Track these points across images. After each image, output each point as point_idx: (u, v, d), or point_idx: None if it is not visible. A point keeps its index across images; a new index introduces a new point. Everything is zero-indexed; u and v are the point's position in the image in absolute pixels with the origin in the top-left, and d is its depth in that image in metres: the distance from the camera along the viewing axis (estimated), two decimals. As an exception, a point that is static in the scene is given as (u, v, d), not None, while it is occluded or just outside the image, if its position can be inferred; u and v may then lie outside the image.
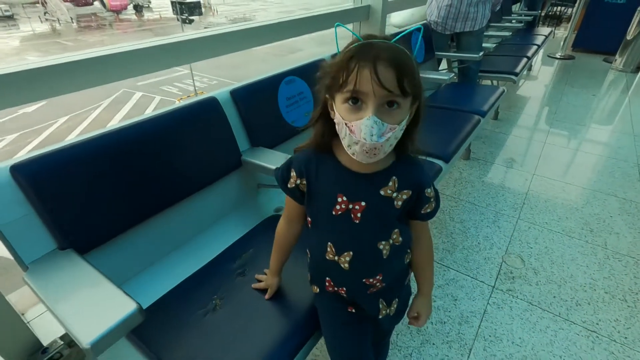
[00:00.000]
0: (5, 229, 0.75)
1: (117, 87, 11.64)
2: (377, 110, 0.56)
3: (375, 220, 0.69)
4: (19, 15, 27.30)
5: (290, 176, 0.72)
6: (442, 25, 2.42)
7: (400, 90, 0.56)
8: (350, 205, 0.68)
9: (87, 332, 0.60)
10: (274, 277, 0.90)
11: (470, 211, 1.96)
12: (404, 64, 0.56)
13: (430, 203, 0.71)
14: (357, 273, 0.73)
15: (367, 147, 0.58)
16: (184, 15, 16.75)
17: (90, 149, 0.88)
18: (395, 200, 0.68)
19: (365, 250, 0.71)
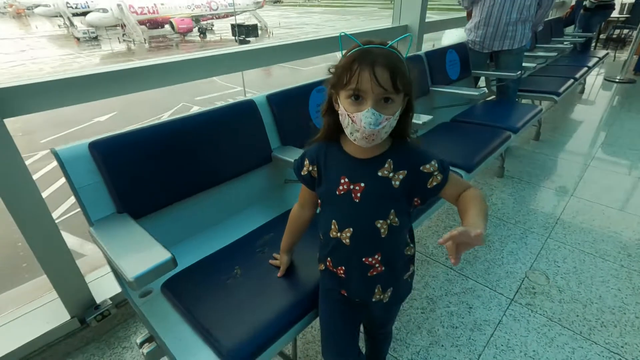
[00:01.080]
0: (81, 191, 0.95)
1: (177, 101, 12.77)
2: (375, 104, 0.67)
3: (373, 199, 0.77)
4: (102, 37, 30.90)
5: (304, 164, 0.84)
6: (480, 44, 2.47)
7: (394, 88, 0.67)
8: (351, 186, 0.77)
9: (132, 270, 0.76)
10: (285, 255, 1.02)
11: (497, 226, 1.95)
12: (396, 67, 0.66)
13: (434, 176, 0.76)
14: (357, 250, 0.81)
15: (367, 134, 0.68)
16: (241, 36, 17.96)
17: (150, 135, 1.07)
18: (392, 180, 0.76)
19: (364, 228, 0.79)
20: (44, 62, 23.46)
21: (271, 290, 0.98)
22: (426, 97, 2.17)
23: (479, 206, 0.76)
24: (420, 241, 1.85)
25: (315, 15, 53.26)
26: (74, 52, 27.00)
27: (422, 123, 1.55)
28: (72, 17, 32.86)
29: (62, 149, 0.94)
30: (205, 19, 35.17)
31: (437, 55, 2.23)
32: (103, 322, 1.33)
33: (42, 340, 1.22)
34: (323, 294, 0.94)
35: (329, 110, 0.77)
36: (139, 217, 1.04)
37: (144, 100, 10.62)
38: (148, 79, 1.30)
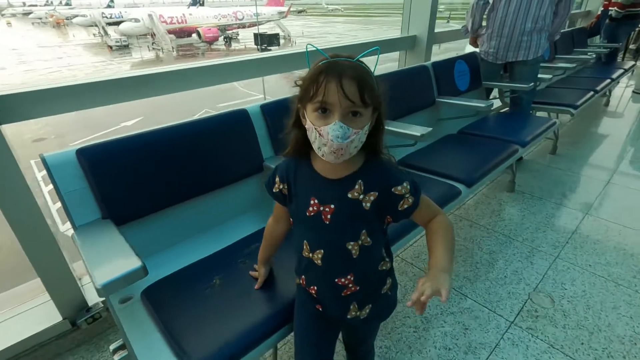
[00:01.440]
0: (67, 196, 0.98)
1: (201, 107, 13.18)
2: (343, 117, 0.64)
3: (343, 221, 0.75)
4: (132, 45, 32.30)
5: (275, 182, 0.81)
6: (494, 55, 2.40)
7: (362, 101, 0.64)
8: (321, 208, 0.75)
9: (101, 276, 0.76)
10: (262, 267, 1.01)
11: (502, 244, 1.87)
12: (364, 80, 0.64)
13: (406, 199, 0.74)
14: (329, 270, 0.79)
15: (335, 148, 0.65)
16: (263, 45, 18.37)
17: (138, 143, 1.09)
18: (363, 202, 0.73)
19: (335, 249, 0.77)
20: (79, 68, 24.71)
21: (247, 302, 0.96)
22: (432, 108, 2.13)
23: (447, 243, 0.77)
24: (419, 256, 1.79)
25: (338, 25, 53.77)
26: (107, 60, 28.34)
27: (420, 135, 1.52)
28: (107, 27, 34.57)
29: (49, 155, 0.97)
30: (231, 29, 36.18)
31: (444, 65, 2.18)
32: (94, 324, 1.35)
33: (34, 339, 1.25)
34: (298, 306, 0.92)
35: (296, 125, 0.75)
36: (123, 223, 1.06)
37: (170, 107, 11.00)
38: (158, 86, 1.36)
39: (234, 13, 36.06)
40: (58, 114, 1.16)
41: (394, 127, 1.65)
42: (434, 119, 2.18)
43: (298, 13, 73.52)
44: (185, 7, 36.35)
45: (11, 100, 1.05)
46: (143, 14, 30.63)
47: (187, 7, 37.74)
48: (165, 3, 43.18)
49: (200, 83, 1.50)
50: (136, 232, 1.10)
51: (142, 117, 12.30)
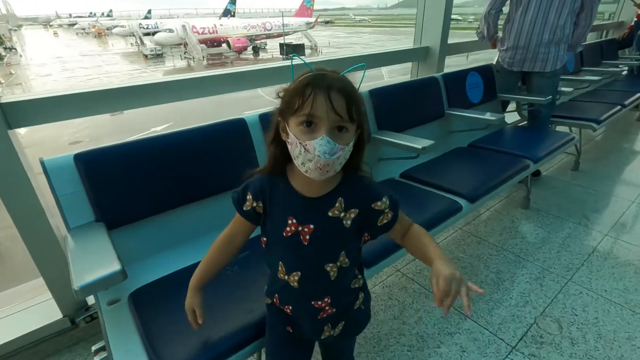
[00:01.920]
0: (62, 199, 1.02)
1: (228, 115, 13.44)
2: (329, 132, 0.61)
3: (323, 242, 0.72)
4: (166, 54, 33.80)
5: (246, 199, 0.75)
6: (509, 64, 2.33)
7: (349, 116, 0.62)
8: (299, 228, 0.71)
9: (80, 279, 0.79)
10: (197, 295, 0.84)
11: (511, 263, 1.78)
12: (352, 94, 0.63)
13: (385, 214, 0.72)
14: (305, 293, 0.76)
15: (321, 164, 0.62)
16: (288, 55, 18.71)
17: (134, 149, 1.13)
18: (343, 220, 0.71)
19: (313, 271, 0.74)
20: (115, 76, 26.11)
21: (226, 311, 0.96)
22: (441, 121, 2.08)
23: (434, 242, 0.75)
24: (421, 272, 1.73)
25: (365, 35, 54.06)
26: (141, 68, 29.80)
27: (421, 148, 1.49)
28: (143, 37, 36.42)
29: (48, 159, 1.02)
30: (259, 39, 37.19)
31: (455, 77, 2.14)
32: (92, 323, 1.39)
33: (35, 335, 1.30)
34: (269, 328, 0.89)
35: (275, 140, 0.71)
36: (116, 227, 1.09)
37: (199, 113, 11.40)
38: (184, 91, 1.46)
39: (262, 24, 37.09)
40: (64, 120, 1.23)
41: (397, 139, 1.63)
42: (443, 131, 2.13)
43: (325, 24, 74.62)
44: (216, 18, 37.76)
45: (20, 106, 1.12)
46: (177, 24, 32.04)
47: (218, 18, 39.19)
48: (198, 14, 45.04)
49: (217, 90, 1.56)
50: (128, 236, 1.13)
51: (172, 123, 12.80)
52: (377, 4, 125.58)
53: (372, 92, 1.74)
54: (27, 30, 70.74)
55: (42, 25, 77.68)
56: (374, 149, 1.79)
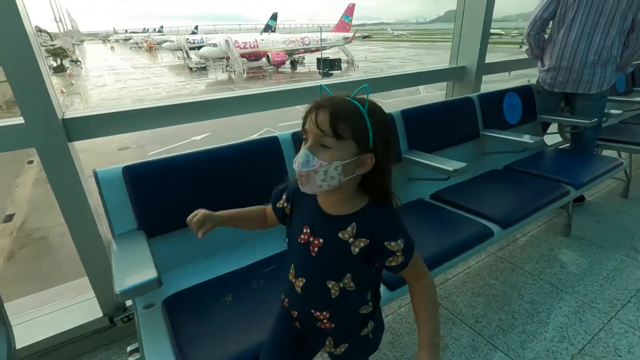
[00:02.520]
0: (110, 207, 1.12)
1: (263, 125, 14.03)
2: (313, 146, 0.66)
3: (329, 259, 0.74)
4: (209, 67, 35.57)
5: (281, 198, 0.83)
6: (551, 85, 2.25)
7: (334, 132, 0.64)
8: (311, 238, 0.74)
9: (121, 284, 0.86)
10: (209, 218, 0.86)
11: (548, 294, 1.69)
12: (340, 112, 0.64)
13: (396, 257, 0.71)
14: (307, 301, 0.79)
15: (298, 174, 0.68)
16: (325, 69, 19.08)
17: (177, 163, 1.22)
18: (352, 246, 0.71)
19: (315, 283, 0.76)
20: (162, 87, 27.78)
21: (252, 322, 1.00)
22: (475, 142, 2.04)
23: (431, 310, 0.76)
24: (449, 296, 1.69)
25: (402, 49, 53.90)
26: (186, 80, 31.52)
27: (452, 170, 1.47)
28: (189, 51, 38.61)
29: (101, 171, 1.12)
30: (298, 53, 38.20)
31: (492, 98, 2.09)
32: (128, 324, 1.48)
33: (77, 331, 1.41)
34: (277, 319, 0.89)
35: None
36: (155, 235, 1.17)
37: (235, 124, 11.90)
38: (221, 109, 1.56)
39: (301, 38, 38.12)
40: (123, 133, 1.35)
41: (428, 159, 1.62)
42: (477, 152, 2.08)
43: (363, 38, 75.29)
44: (257, 34, 39.32)
45: (80, 122, 1.24)
46: (221, 39, 33.71)
47: (259, 33, 40.79)
48: (241, 29, 47.16)
49: (256, 108, 1.65)
50: (165, 244, 1.20)
51: (210, 133, 13.39)
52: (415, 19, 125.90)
53: (403, 112, 1.75)
54: (88, 44, 77.41)
55: (102, 40, 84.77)
56: (404, 169, 1.78)
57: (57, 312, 1.43)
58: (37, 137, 1.14)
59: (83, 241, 1.32)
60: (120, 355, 1.44)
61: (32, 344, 1.32)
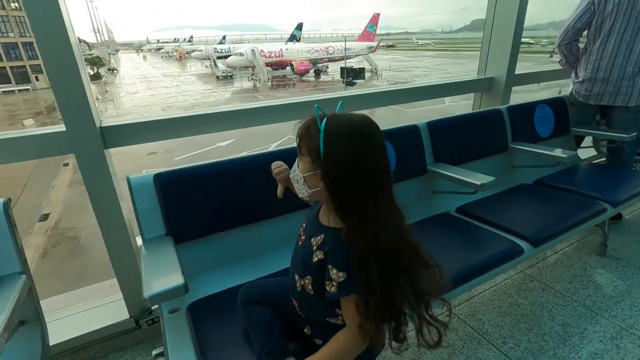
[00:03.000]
0: (141, 213, 1.16)
1: (285, 133, 14.25)
2: (298, 158, 0.78)
3: (299, 255, 0.82)
4: (235, 76, 36.51)
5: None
6: (585, 96, 2.16)
7: (298, 147, 0.75)
8: (301, 233, 0.86)
9: (149, 289, 0.88)
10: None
11: (581, 317, 1.60)
12: (305, 129, 0.72)
13: (332, 283, 0.71)
14: (289, 281, 0.88)
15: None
16: (348, 78, 19.19)
17: (204, 172, 1.25)
18: (314, 254, 0.75)
19: (290, 272, 0.87)
20: (190, 95, 28.74)
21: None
22: (504, 155, 1.98)
23: (328, 353, 0.76)
24: (475, 314, 1.63)
25: (427, 59, 53.44)
26: (213, 88, 32.50)
27: (480, 184, 1.43)
28: (217, 60, 39.82)
29: (133, 177, 1.17)
30: (322, 62, 38.61)
31: (522, 110, 2.03)
32: (153, 326, 1.52)
33: (105, 331, 1.45)
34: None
35: None
36: (182, 241, 1.20)
37: (258, 131, 12.17)
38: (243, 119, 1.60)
39: (325, 48, 38.55)
40: (155, 141, 1.40)
41: (454, 172, 1.59)
42: (506, 166, 2.02)
43: (387, 48, 75.25)
44: (283, 43, 40.07)
45: (116, 130, 1.30)
46: (247, 48, 34.59)
47: (285, 43, 41.57)
48: (267, 39, 48.30)
49: (280, 118, 1.67)
50: (191, 251, 1.23)
51: (234, 139, 13.69)
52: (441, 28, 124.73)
53: (429, 124, 1.72)
54: (122, 54, 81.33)
55: (135, 50, 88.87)
56: (429, 182, 1.75)
57: (86, 311, 1.49)
58: (77, 144, 1.21)
59: (114, 244, 1.37)
60: (144, 357, 1.48)
61: (62, 341, 1.37)
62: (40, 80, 35.30)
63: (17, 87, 34.25)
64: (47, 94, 32.87)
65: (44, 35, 1.08)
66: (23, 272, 1.01)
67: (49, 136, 1.19)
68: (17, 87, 34.25)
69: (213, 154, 12.45)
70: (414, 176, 1.69)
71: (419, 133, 1.68)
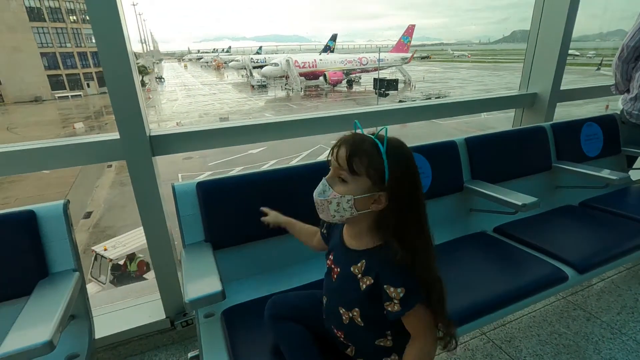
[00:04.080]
0: (183, 219, 1.22)
1: (316, 142, 14.37)
2: (331, 178, 0.74)
3: (342, 289, 0.81)
4: (269, 85, 37.48)
5: (324, 225, 0.96)
6: (638, 117, 2.04)
7: (349, 167, 0.69)
8: (332, 265, 0.85)
9: (191, 293, 0.92)
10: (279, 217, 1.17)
11: (631, 352, 1.48)
12: (358, 149, 0.69)
13: (393, 303, 0.71)
14: (328, 317, 0.87)
15: (314, 200, 0.76)
16: (381, 90, 19.12)
17: (246, 181, 1.29)
18: (360, 282, 0.75)
19: (331, 305, 0.85)
20: (226, 102, 29.78)
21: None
22: (546, 174, 1.89)
23: None
24: (511, 341, 1.55)
25: (463, 70, 52.29)
26: (247, 96, 33.53)
27: (521, 204, 1.38)
28: (253, 70, 41.10)
29: (178, 185, 1.23)
30: (355, 73, 38.82)
31: (568, 127, 1.94)
32: (187, 328, 1.57)
33: (143, 329, 1.52)
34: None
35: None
36: (220, 247, 1.24)
37: (289, 141, 12.46)
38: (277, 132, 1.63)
39: (359, 59, 38.77)
40: (197, 150, 1.48)
41: (493, 191, 1.54)
42: (549, 186, 1.93)
43: (422, 59, 74.46)
44: (317, 54, 40.76)
45: (163, 139, 1.38)
46: (282, 59, 35.48)
47: (319, 53, 42.24)
48: (301, 50, 49.41)
49: (313, 131, 1.70)
50: (228, 257, 1.27)
51: (266, 147, 13.98)
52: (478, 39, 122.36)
53: (468, 140, 1.68)
54: (165, 63, 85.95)
55: (177, 59, 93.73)
56: (466, 199, 1.71)
57: (126, 309, 1.56)
58: (128, 151, 1.29)
59: (156, 246, 1.44)
60: (177, 358, 1.53)
61: (104, 336, 1.45)
62: (91, 87, 38.06)
63: (70, 92, 37.12)
64: (95, 99, 35.35)
65: (105, 45, 1.16)
66: (76, 269, 1.09)
67: (105, 143, 1.29)
68: (70, 92, 37.12)
69: (246, 159, 12.79)
70: (449, 193, 1.66)
71: (456, 149, 1.65)
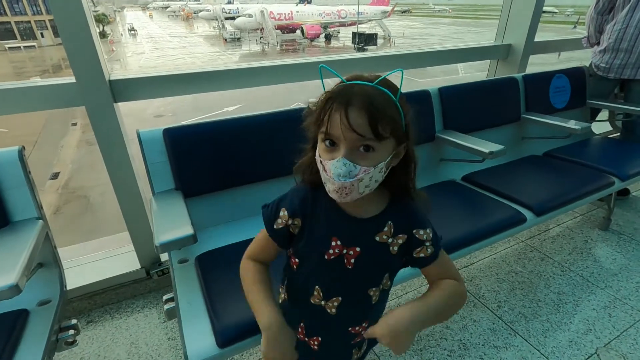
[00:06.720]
0: (151, 167, 1.18)
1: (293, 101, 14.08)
2: (350, 152, 0.55)
3: (369, 266, 0.67)
4: (243, 38, 35.46)
5: (278, 216, 0.68)
6: (605, 70, 2.09)
7: (375, 134, 0.53)
8: (344, 250, 0.65)
9: (161, 237, 0.92)
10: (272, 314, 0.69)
11: (577, 286, 1.64)
12: (378, 109, 0.53)
13: (424, 247, 0.66)
14: (344, 320, 0.72)
15: (337, 186, 0.57)
16: (360, 44, 18.55)
17: (215, 128, 1.25)
18: (390, 246, 0.66)
19: (355, 297, 0.70)
20: (197, 57, 28.13)
21: (276, 283, 1.04)
22: (515, 125, 1.95)
23: (443, 302, 0.65)
24: (473, 280, 1.68)
25: (443, 26, 51.23)
26: (220, 50, 31.70)
27: (488, 152, 1.43)
28: (225, 21, 38.55)
29: (143, 131, 1.18)
30: (333, 26, 37.23)
31: (538, 79, 1.97)
32: (163, 277, 1.59)
33: (118, 279, 1.53)
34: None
35: (313, 152, 0.64)
36: (191, 196, 1.23)
37: (266, 98, 12.11)
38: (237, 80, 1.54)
39: (338, 11, 37.01)
40: (163, 96, 1.40)
41: (463, 140, 1.58)
42: (516, 136, 2.00)
43: (402, 13, 72.03)
44: (293, 5, 38.52)
45: (125, 84, 1.30)
46: (256, 10, 33.36)
47: (295, 5, 39.94)
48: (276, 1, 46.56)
49: (288, 79, 1.63)
50: (200, 205, 1.26)
51: (242, 105, 13.57)
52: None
53: (441, 89, 1.69)
54: (128, 11, 78.97)
55: (141, 8, 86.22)
56: (437, 149, 1.75)
57: (100, 261, 1.56)
58: (87, 97, 1.21)
59: (125, 197, 1.41)
60: (155, 304, 1.56)
61: (79, 286, 1.45)
62: (45, 37, 34.70)
63: (22, 43, 33.78)
64: (52, 51, 32.46)
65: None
66: (40, 217, 1.05)
67: (59, 87, 1.20)
68: (22, 43, 33.78)
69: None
70: (421, 142, 1.68)
71: (429, 99, 1.65)
